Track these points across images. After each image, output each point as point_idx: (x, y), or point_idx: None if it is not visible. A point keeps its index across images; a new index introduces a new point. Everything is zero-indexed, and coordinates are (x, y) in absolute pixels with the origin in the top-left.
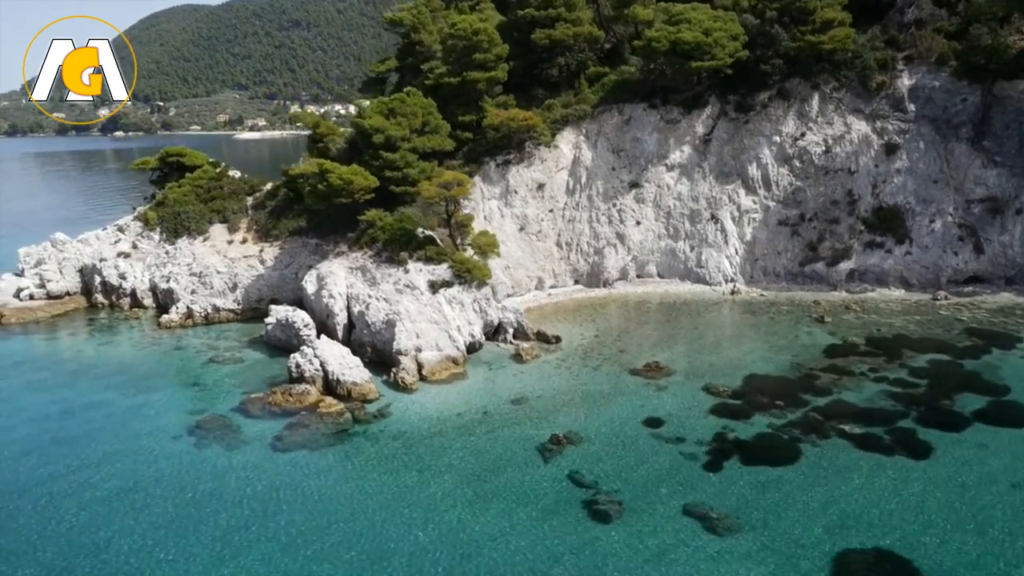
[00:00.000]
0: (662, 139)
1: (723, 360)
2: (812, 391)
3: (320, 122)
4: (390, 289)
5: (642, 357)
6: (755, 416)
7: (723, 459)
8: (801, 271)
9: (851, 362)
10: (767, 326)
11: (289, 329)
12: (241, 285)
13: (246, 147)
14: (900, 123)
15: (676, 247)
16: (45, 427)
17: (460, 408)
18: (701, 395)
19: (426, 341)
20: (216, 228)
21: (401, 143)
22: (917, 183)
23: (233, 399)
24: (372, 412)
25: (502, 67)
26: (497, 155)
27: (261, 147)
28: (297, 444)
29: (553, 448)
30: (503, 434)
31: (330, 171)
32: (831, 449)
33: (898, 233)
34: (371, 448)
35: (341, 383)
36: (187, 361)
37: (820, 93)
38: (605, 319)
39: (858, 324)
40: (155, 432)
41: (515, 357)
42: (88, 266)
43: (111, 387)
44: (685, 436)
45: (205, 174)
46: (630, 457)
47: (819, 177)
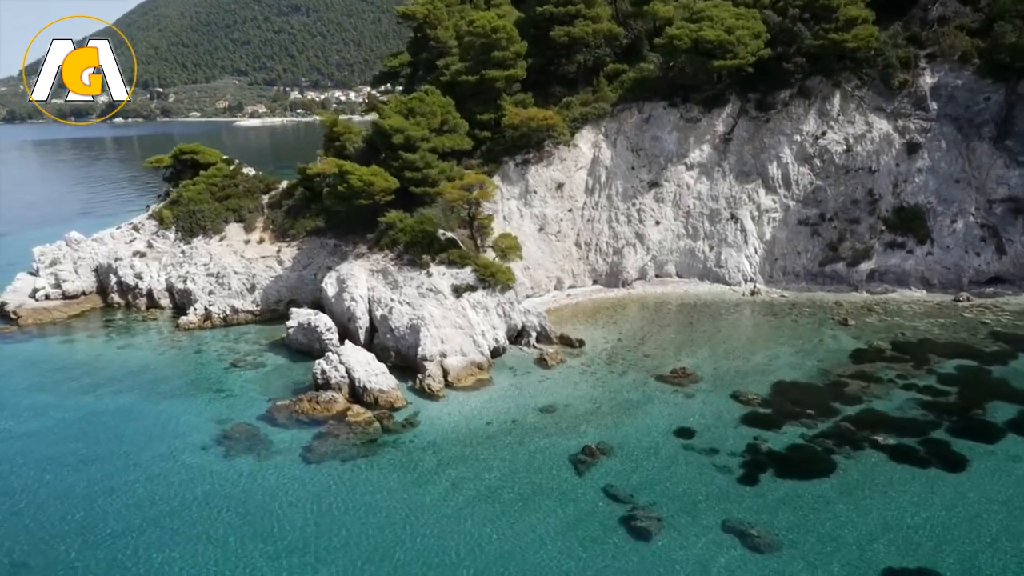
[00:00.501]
0: (682, 138)
1: (749, 366)
2: (842, 399)
3: (337, 121)
4: (413, 293)
5: (667, 362)
6: (786, 426)
7: (758, 472)
8: (821, 271)
9: (878, 368)
10: (790, 329)
11: (311, 333)
12: (259, 286)
13: (246, 134)
14: (922, 122)
15: (695, 247)
16: (73, 439)
17: (488, 417)
18: (730, 403)
19: (451, 346)
20: (232, 227)
21: (420, 143)
22: (939, 183)
23: (259, 407)
24: (400, 421)
25: (521, 65)
26: (516, 154)
27: (262, 134)
28: (328, 455)
29: (586, 460)
30: (534, 445)
31: (350, 172)
32: (865, 461)
33: (919, 233)
34: (402, 460)
35: (368, 390)
36: (208, 365)
37: (841, 91)
38: (627, 321)
39: (882, 327)
40: (184, 443)
41: (540, 362)
42: (103, 266)
43: (134, 394)
44: (718, 447)
45: (219, 172)
46: (664, 469)
47: (839, 176)
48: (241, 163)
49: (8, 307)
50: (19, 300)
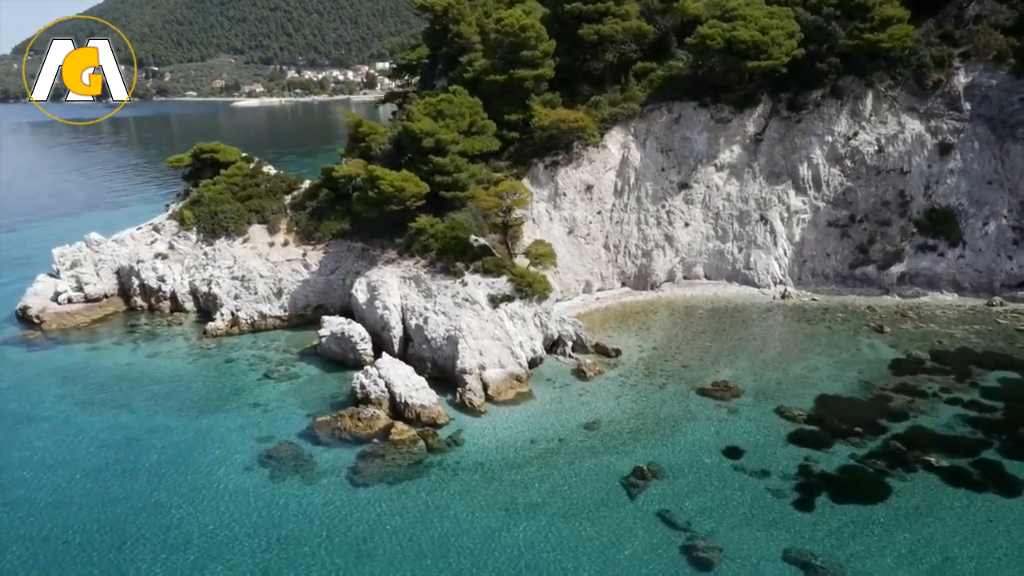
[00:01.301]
0: (712, 138)
1: (790, 377)
2: (888, 415)
3: (362, 121)
4: (448, 302)
5: (706, 373)
6: (835, 445)
7: (812, 495)
8: (851, 273)
9: (920, 381)
10: (826, 336)
11: (345, 343)
12: (286, 291)
13: (244, 116)
14: (955, 122)
15: (724, 248)
16: (110, 458)
17: (533, 434)
18: (775, 419)
19: (489, 358)
20: (255, 229)
21: (450, 146)
22: (971, 184)
23: (299, 423)
24: (444, 439)
25: (549, 64)
26: (545, 156)
27: (260, 116)
28: (375, 477)
29: (638, 483)
30: (583, 466)
31: (381, 178)
32: (919, 484)
33: (951, 236)
34: (451, 482)
35: (409, 406)
36: (241, 376)
37: (874, 91)
38: (659, 327)
39: (918, 335)
40: (226, 463)
41: (577, 373)
42: (125, 268)
43: (169, 408)
44: (769, 469)
45: (240, 170)
46: (717, 493)
47: (870, 177)
48: (261, 161)
49: (31, 311)
50: (42, 304)
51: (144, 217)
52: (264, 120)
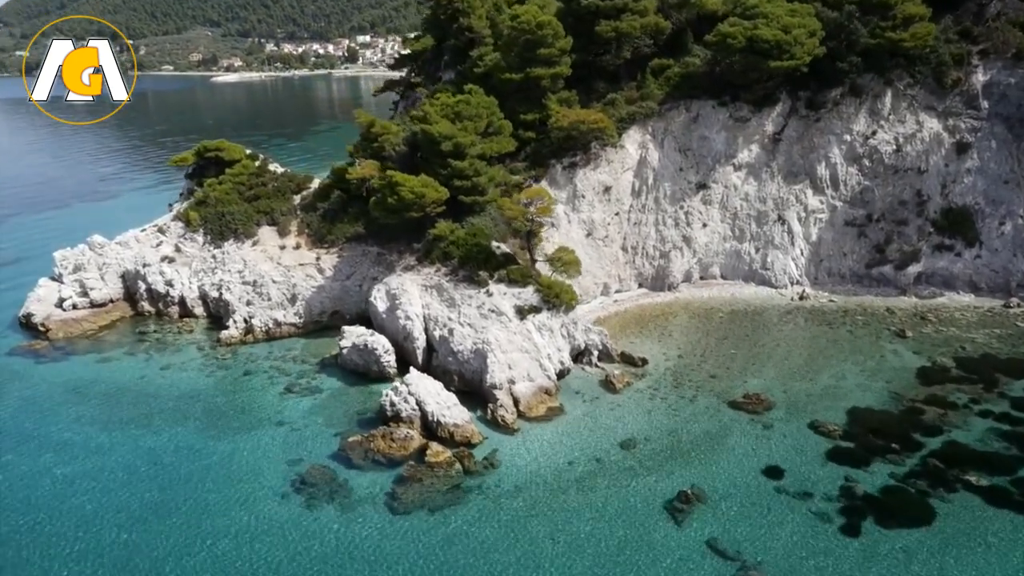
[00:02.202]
0: (730, 138)
1: (819, 388)
2: (921, 429)
3: (375, 121)
4: (474, 313)
5: (735, 384)
6: (874, 463)
7: (858, 519)
8: (867, 273)
9: (948, 391)
10: (849, 342)
11: (368, 355)
12: (300, 297)
13: (223, 92)
14: (973, 121)
15: (741, 248)
16: (138, 486)
17: (570, 455)
18: (810, 435)
19: (518, 372)
20: (265, 231)
21: (469, 149)
22: (987, 183)
23: (328, 443)
24: (481, 461)
25: (566, 62)
26: (563, 157)
27: (240, 92)
28: (414, 504)
29: (683, 508)
30: (625, 489)
31: (400, 184)
32: (961, 506)
33: (968, 236)
34: (493, 510)
35: (442, 425)
36: (262, 391)
37: (893, 89)
38: (681, 332)
39: (940, 340)
40: (260, 489)
41: (606, 385)
42: (131, 271)
43: (192, 427)
44: (811, 490)
45: (245, 169)
46: (762, 518)
47: (888, 177)
48: (267, 159)
49: (36, 319)
50: (46, 310)
51: (137, 207)
52: (244, 96)
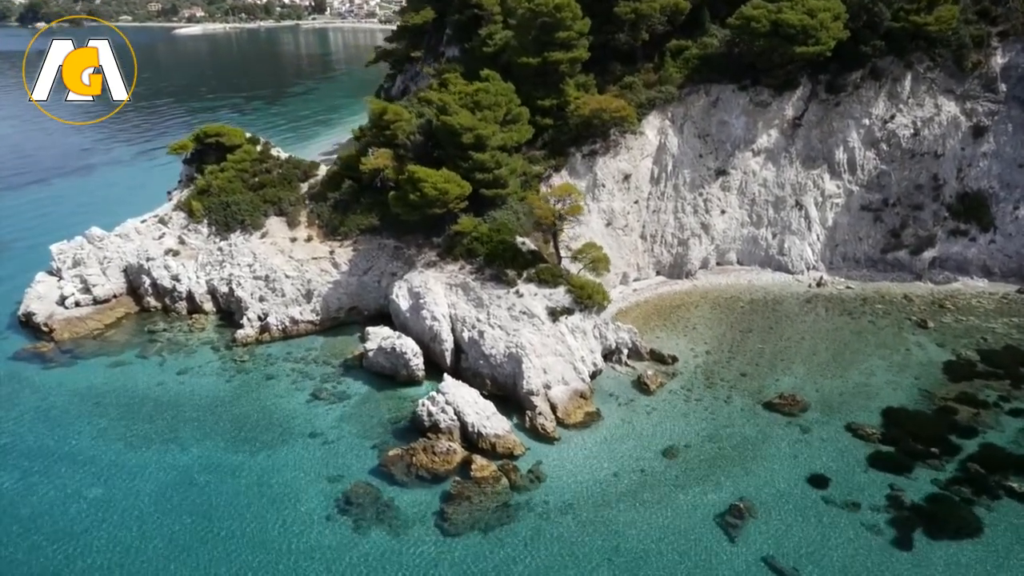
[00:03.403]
0: (750, 123)
1: (850, 386)
2: (956, 431)
3: (387, 108)
4: (504, 315)
5: (767, 383)
6: (916, 469)
7: (908, 531)
8: (883, 258)
9: (977, 388)
10: (872, 334)
11: (396, 358)
12: (316, 293)
13: (186, 45)
14: (990, 104)
15: (758, 234)
16: (174, 511)
17: (614, 465)
18: (849, 439)
19: (553, 376)
20: (273, 222)
21: (490, 140)
22: (1002, 167)
23: (367, 457)
24: (526, 474)
25: (584, 44)
26: (582, 145)
27: (204, 46)
28: (465, 524)
29: (735, 523)
30: (674, 503)
31: (423, 180)
32: (1007, 515)
33: (983, 221)
34: (546, 528)
35: (483, 436)
36: (288, 398)
37: (913, 72)
38: (705, 325)
39: (961, 330)
40: (304, 512)
41: (639, 386)
42: (134, 265)
43: (221, 441)
44: (858, 500)
45: (248, 155)
46: (814, 531)
47: (905, 161)
48: (269, 143)
49: (37, 318)
50: (47, 309)
51: (122, 184)
52: (209, 51)
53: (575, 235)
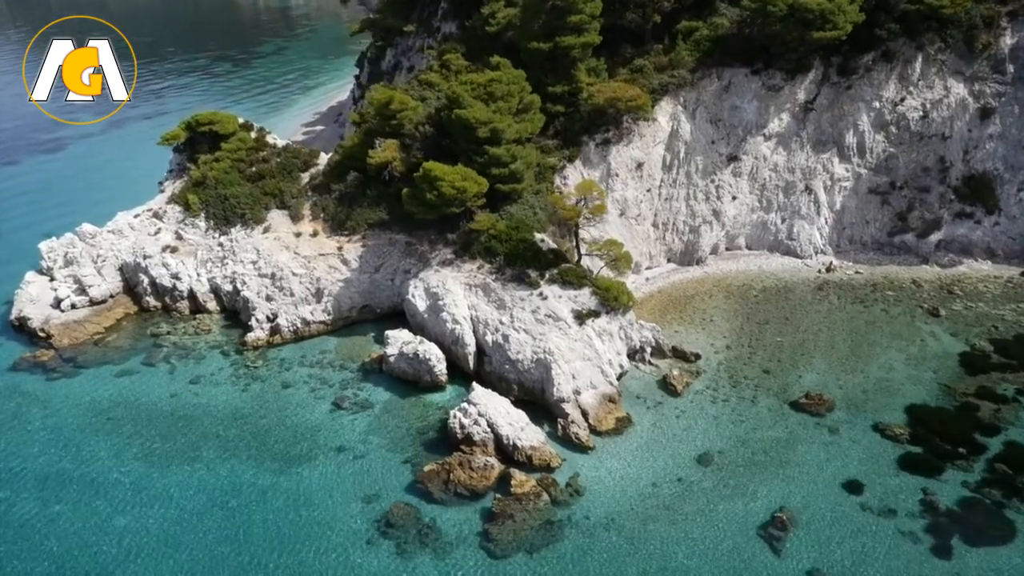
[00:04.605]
0: (762, 107)
1: (871, 382)
2: (980, 429)
3: (393, 96)
4: (528, 318)
5: (790, 380)
6: (946, 471)
7: (945, 538)
8: (889, 241)
9: (994, 381)
10: (886, 323)
11: (420, 364)
12: (327, 291)
13: None
14: (998, 86)
15: (767, 219)
16: (211, 541)
17: (651, 475)
18: (877, 440)
19: (582, 381)
20: (275, 215)
21: (505, 133)
22: (1007, 149)
23: (400, 473)
24: (564, 488)
25: (595, 27)
26: (595, 133)
27: None
28: (511, 545)
29: (778, 535)
30: (714, 514)
31: (440, 179)
32: None
33: (988, 203)
34: (591, 546)
35: (519, 449)
36: (309, 408)
37: (924, 54)
38: (723, 318)
39: (972, 318)
40: (343, 535)
41: (665, 387)
42: (130, 264)
43: (247, 459)
44: (893, 506)
45: (242, 143)
46: (855, 542)
47: (913, 143)
48: (264, 129)
49: (33, 323)
50: (42, 313)
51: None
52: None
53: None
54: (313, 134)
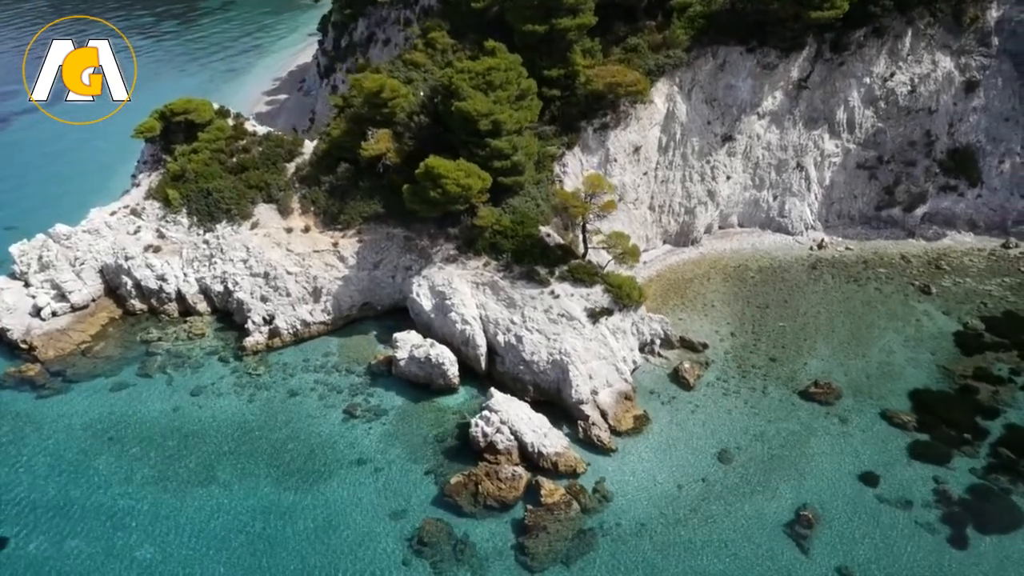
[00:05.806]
0: (756, 85)
1: (873, 366)
2: (981, 412)
3: (384, 84)
4: (541, 318)
5: (797, 368)
6: (954, 458)
7: (960, 527)
8: (876, 215)
9: (989, 362)
10: (881, 303)
11: (432, 368)
12: (325, 290)
13: None
14: (983, 59)
15: (760, 197)
16: (238, 571)
17: (675, 476)
18: (886, 428)
19: (598, 381)
20: (262, 210)
21: (506, 123)
22: (990, 121)
23: (424, 485)
24: (592, 494)
25: (590, 7)
26: (593, 118)
27: None
28: (547, 557)
29: (805, 533)
30: (740, 513)
31: (444, 176)
32: None
33: (971, 176)
34: (625, 556)
35: (544, 456)
36: (320, 419)
37: (913, 28)
38: (722, 301)
39: (961, 295)
40: (377, 558)
41: (677, 380)
42: (111, 265)
43: (264, 478)
44: (909, 497)
45: (221, 132)
46: (877, 536)
47: (900, 118)
48: (241, 116)
49: (13, 335)
50: (23, 323)
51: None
52: None
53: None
54: (277, 103)
